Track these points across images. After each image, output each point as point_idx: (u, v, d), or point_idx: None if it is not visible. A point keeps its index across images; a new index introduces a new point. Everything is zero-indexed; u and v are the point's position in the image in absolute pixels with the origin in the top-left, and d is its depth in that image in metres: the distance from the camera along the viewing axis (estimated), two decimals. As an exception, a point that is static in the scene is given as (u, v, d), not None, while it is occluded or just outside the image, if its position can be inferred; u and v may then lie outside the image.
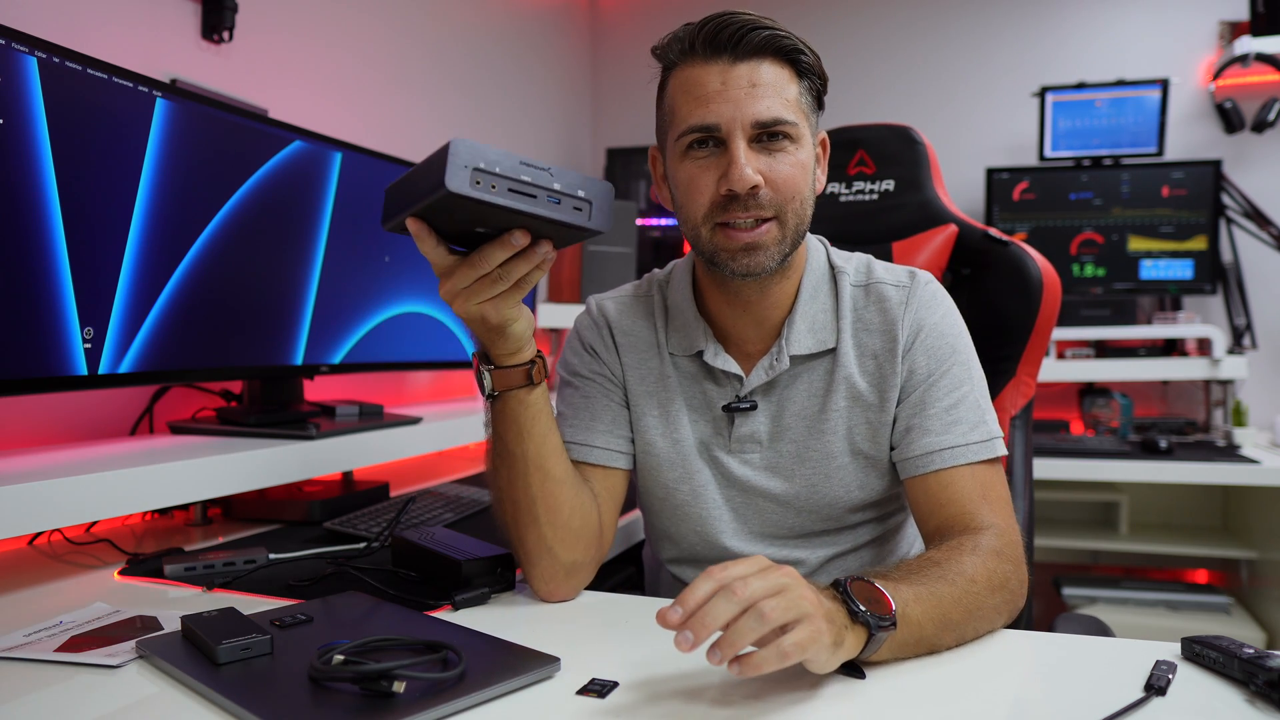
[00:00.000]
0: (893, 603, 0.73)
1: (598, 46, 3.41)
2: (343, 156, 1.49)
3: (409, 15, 2.25)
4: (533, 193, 0.75)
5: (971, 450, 0.94)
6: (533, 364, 0.90)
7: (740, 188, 0.90)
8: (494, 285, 0.81)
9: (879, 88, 3.08)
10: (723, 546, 1.04)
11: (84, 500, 1.01)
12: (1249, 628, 2.32)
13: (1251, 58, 2.56)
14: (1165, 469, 2.26)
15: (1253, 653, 0.70)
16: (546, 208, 0.76)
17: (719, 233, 0.94)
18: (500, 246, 0.79)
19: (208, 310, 1.26)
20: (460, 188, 0.71)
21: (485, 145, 0.73)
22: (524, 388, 0.90)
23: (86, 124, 1.07)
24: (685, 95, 0.93)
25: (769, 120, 0.90)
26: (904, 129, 1.47)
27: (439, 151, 0.73)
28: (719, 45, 0.91)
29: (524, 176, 0.74)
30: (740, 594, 0.64)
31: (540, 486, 0.92)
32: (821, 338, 1.01)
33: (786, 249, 0.95)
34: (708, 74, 0.92)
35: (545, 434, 0.92)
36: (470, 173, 0.72)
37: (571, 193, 0.77)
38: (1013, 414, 1.30)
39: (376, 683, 0.66)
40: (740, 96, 0.90)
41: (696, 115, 0.92)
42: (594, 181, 0.79)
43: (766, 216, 0.92)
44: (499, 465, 0.94)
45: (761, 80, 0.91)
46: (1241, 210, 2.64)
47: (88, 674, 0.75)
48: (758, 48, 0.91)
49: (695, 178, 0.93)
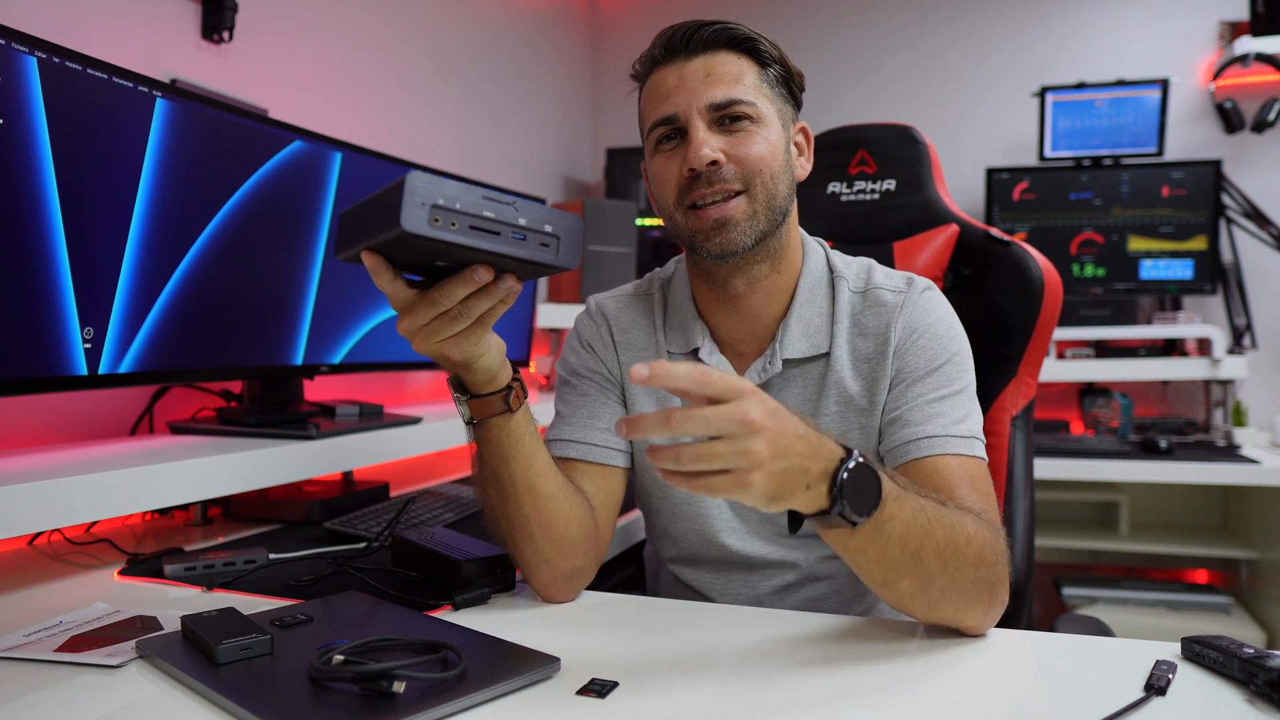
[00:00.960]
0: (872, 514, 0.71)
1: (598, 46, 3.41)
2: (343, 156, 1.49)
3: (409, 15, 2.25)
4: (496, 229, 0.70)
5: (953, 442, 0.92)
6: (509, 390, 0.87)
7: (698, 164, 0.92)
8: (454, 323, 0.77)
9: (879, 88, 3.08)
10: (721, 544, 1.04)
11: (84, 500, 1.01)
12: (1249, 628, 2.32)
13: (1251, 58, 2.56)
14: (1165, 469, 2.26)
15: (1253, 653, 0.70)
16: (511, 245, 0.70)
17: (690, 215, 0.95)
18: (461, 282, 0.75)
19: (208, 310, 1.26)
20: (417, 228, 0.65)
21: (444, 179, 0.68)
22: (503, 414, 0.87)
23: (86, 124, 1.07)
24: (650, 98, 0.98)
25: (723, 101, 0.93)
26: (905, 129, 1.47)
27: (395, 185, 0.67)
28: (673, 48, 0.96)
29: (487, 212, 0.69)
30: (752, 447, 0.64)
31: (532, 506, 0.90)
32: (815, 342, 1.01)
33: (760, 225, 0.95)
34: (667, 74, 0.96)
35: (531, 455, 0.89)
36: (428, 210, 0.66)
37: (538, 228, 0.72)
38: (1013, 414, 1.30)
39: (376, 683, 0.66)
40: (695, 85, 0.94)
41: (658, 110, 0.96)
42: (561, 215, 0.74)
43: (734, 190, 0.93)
44: (487, 487, 0.92)
45: (716, 69, 0.94)
46: (1241, 210, 2.64)
47: (88, 674, 0.75)
48: (709, 42, 0.95)
49: (663, 168, 0.97)
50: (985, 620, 0.82)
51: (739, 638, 0.84)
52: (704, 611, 0.93)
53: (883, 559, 0.75)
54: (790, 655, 0.79)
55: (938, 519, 0.77)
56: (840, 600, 1.05)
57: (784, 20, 3.15)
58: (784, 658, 0.79)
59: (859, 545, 0.74)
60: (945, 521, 0.78)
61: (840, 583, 1.05)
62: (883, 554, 0.75)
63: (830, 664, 0.77)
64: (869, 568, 0.77)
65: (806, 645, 0.82)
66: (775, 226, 0.97)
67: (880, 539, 0.74)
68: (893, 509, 0.73)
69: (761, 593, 1.05)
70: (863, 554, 0.75)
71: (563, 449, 1.03)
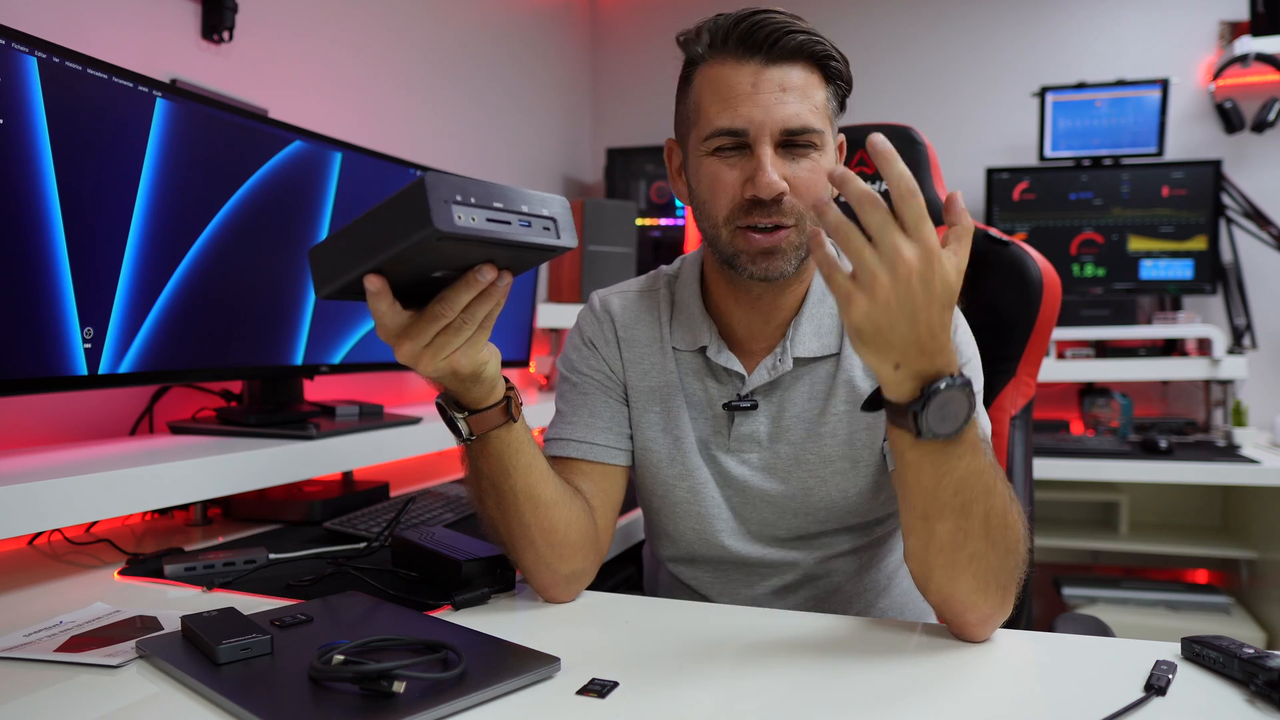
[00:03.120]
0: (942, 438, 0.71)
1: (598, 46, 3.41)
2: (343, 156, 1.49)
3: (409, 15, 2.25)
4: (506, 219, 0.69)
5: None
6: (508, 400, 0.85)
7: (767, 194, 0.89)
8: (459, 333, 0.75)
9: (879, 88, 3.08)
10: (721, 545, 1.04)
11: (84, 500, 1.01)
12: (1249, 628, 2.32)
13: (1251, 58, 2.56)
14: (1165, 469, 2.26)
15: (1253, 653, 0.70)
16: (520, 232, 0.69)
17: (740, 235, 0.93)
18: (465, 287, 0.73)
19: (208, 310, 1.26)
20: (449, 226, 0.64)
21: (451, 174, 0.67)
22: (503, 426, 0.85)
23: (86, 124, 1.07)
24: (714, 94, 0.92)
25: (798, 128, 0.90)
26: (904, 129, 1.47)
27: (409, 191, 0.65)
28: (753, 45, 0.90)
29: (496, 202, 0.68)
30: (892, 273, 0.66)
31: (532, 514, 0.89)
32: (826, 342, 1.01)
33: (803, 254, 0.94)
34: (739, 75, 0.90)
35: (530, 464, 0.88)
36: (452, 208, 0.65)
37: (538, 212, 0.71)
38: (1013, 414, 1.30)
39: (376, 683, 0.66)
40: (770, 101, 0.89)
41: (725, 117, 0.91)
42: (552, 198, 0.73)
43: (787, 224, 0.92)
44: (484, 498, 0.90)
45: (791, 85, 0.90)
46: (1241, 210, 2.64)
47: (88, 674, 0.75)
48: (792, 52, 0.90)
49: (719, 177, 0.93)
50: (992, 616, 0.81)
51: (739, 638, 0.84)
52: (704, 611, 0.93)
53: (933, 491, 0.74)
54: (790, 655, 0.79)
55: (1000, 492, 0.76)
56: (840, 601, 1.05)
57: (784, 20, 3.14)
58: (784, 658, 0.79)
59: (916, 460, 0.73)
60: (1005, 498, 0.77)
61: (839, 582, 1.05)
62: (935, 486, 0.74)
63: (830, 664, 0.77)
64: (917, 492, 0.75)
65: (806, 645, 0.82)
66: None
67: (939, 469, 0.73)
68: (964, 450, 0.72)
69: (760, 593, 1.05)
70: (917, 471, 0.74)
71: (563, 448, 1.03)
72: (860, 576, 1.05)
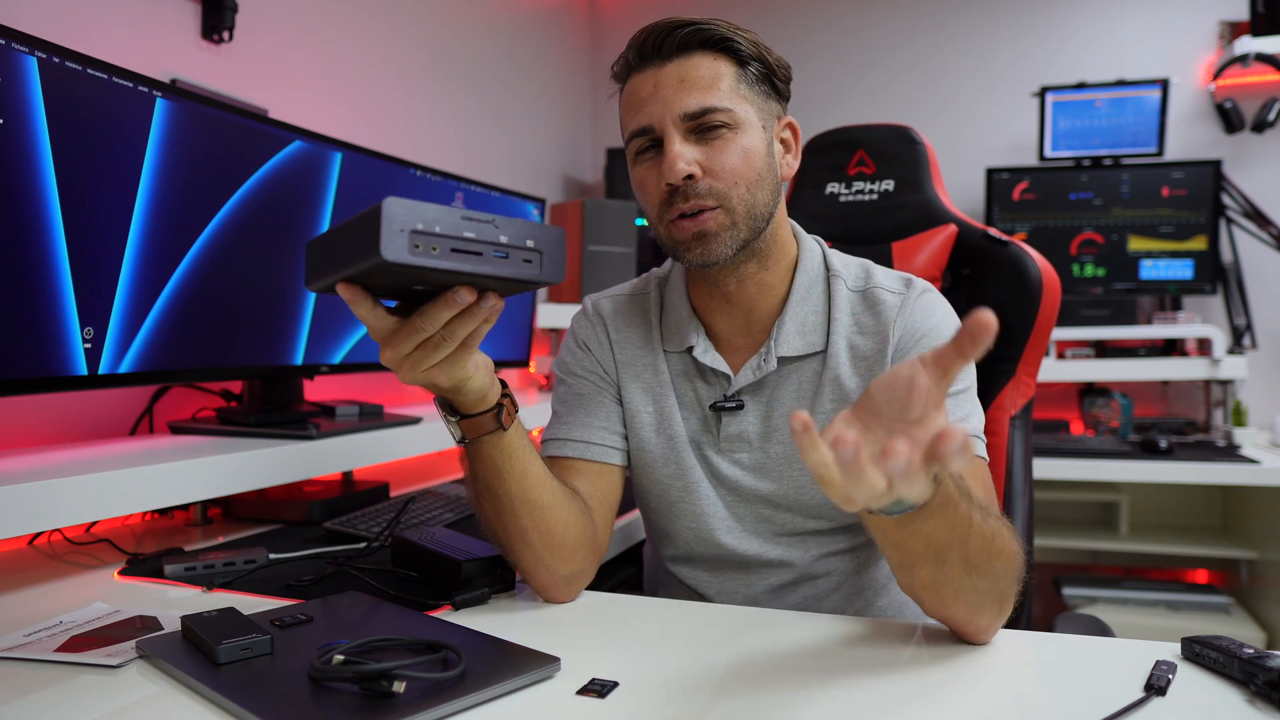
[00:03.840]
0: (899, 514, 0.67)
1: (598, 46, 3.41)
2: (343, 156, 1.49)
3: (409, 15, 2.25)
4: (478, 250, 0.67)
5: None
6: (500, 408, 0.85)
7: (673, 178, 0.91)
8: (439, 349, 0.75)
9: (879, 88, 3.08)
10: (718, 543, 1.04)
11: (84, 500, 1.01)
12: (1249, 628, 2.32)
13: (1251, 58, 2.56)
14: (1165, 469, 2.26)
15: (1253, 653, 0.70)
16: (493, 265, 0.68)
17: (672, 227, 0.95)
18: (444, 305, 0.72)
19: (208, 310, 1.26)
20: (398, 256, 0.63)
21: (421, 203, 0.65)
22: (495, 432, 0.85)
23: (86, 124, 1.07)
24: (626, 106, 0.97)
25: (697, 110, 0.91)
26: (904, 129, 1.47)
27: (370, 213, 0.64)
28: (646, 52, 0.94)
29: (467, 233, 0.66)
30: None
31: (529, 517, 0.89)
32: (810, 340, 1.01)
33: (741, 234, 0.94)
34: (642, 81, 0.95)
35: (525, 469, 0.88)
36: (408, 236, 0.63)
37: (519, 244, 0.70)
38: (1012, 414, 1.30)
39: (376, 683, 0.66)
40: (669, 94, 0.92)
41: (634, 120, 0.95)
42: (543, 228, 0.71)
43: (708, 206, 0.92)
44: (482, 501, 0.90)
45: (690, 75, 0.92)
46: (1241, 210, 2.64)
47: (88, 674, 0.75)
48: (682, 45, 0.93)
49: (643, 180, 0.96)
50: (991, 626, 0.81)
51: (738, 638, 0.84)
52: (703, 611, 0.93)
53: (902, 546, 0.74)
54: (789, 655, 0.79)
55: (978, 530, 0.74)
56: (838, 599, 1.05)
57: (782, 20, 3.15)
58: (783, 658, 0.79)
59: (879, 523, 0.72)
60: (984, 532, 0.75)
61: (837, 581, 1.05)
62: (904, 542, 0.73)
63: (829, 664, 0.77)
64: (887, 547, 0.75)
65: (805, 646, 0.82)
66: (757, 232, 0.96)
67: (905, 530, 0.72)
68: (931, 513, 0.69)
69: (758, 591, 1.05)
70: (882, 532, 0.73)
71: (560, 448, 1.03)
72: (859, 575, 1.05)
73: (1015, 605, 0.83)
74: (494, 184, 1.94)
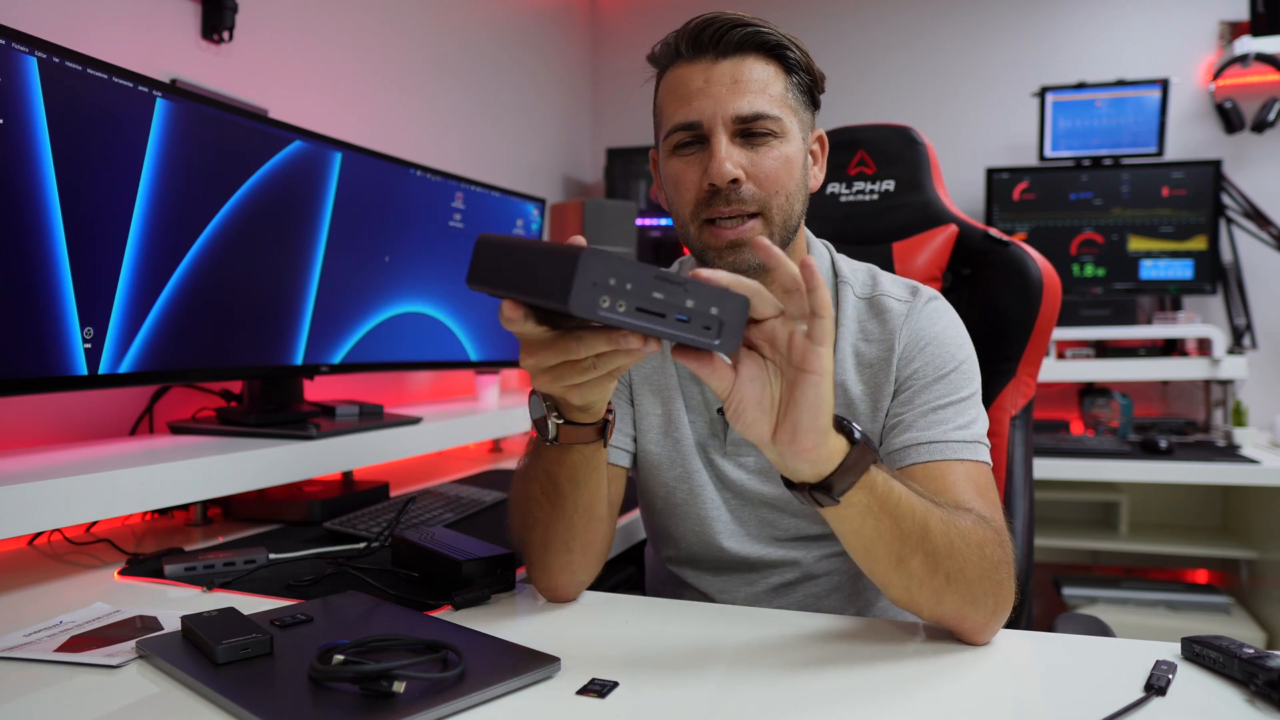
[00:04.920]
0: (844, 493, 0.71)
1: (598, 46, 3.41)
2: (343, 156, 1.49)
3: (409, 15, 2.25)
4: (661, 310, 0.64)
5: (955, 447, 0.91)
6: (606, 424, 0.83)
7: (720, 180, 0.90)
8: (584, 373, 0.71)
9: (879, 88, 3.08)
10: (720, 547, 1.04)
11: (84, 500, 1.01)
12: (1249, 628, 2.32)
13: (1251, 58, 2.56)
14: (1165, 469, 2.26)
15: (1253, 653, 0.70)
16: (674, 327, 0.64)
17: (706, 230, 0.94)
18: (605, 340, 0.67)
19: (208, 310, 1.26)
20: (585, 311, 0.60)
21: (615, 256, 0.62)
22: (591, 444, 0.84)
23: (86, 124, 1.07)
24: (671, 95, 0.95)
25: (750, 114, 0.91)
26: (904, 129, 1.47)
27: (565, 255, 0.60)
28: (701, 44, 0.92)
29: (656, 294, 0.63)
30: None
31: (584, 526, 0.89)
32: None
33: (775, 244, 0.94)
34: (692, 73, 0.93)
35: (600, 482, 0.88)
36: (599, 295, 0.60)
37: (704, 311, 0.66)
38: (1013, 414, 1.30)
39: (376, 683, 0.66)
40: (722, 93, 0.91)
41: (680, 113, 0.93)
42: (731, 297, 0.67)
43: (750, 212, 0.92)
44: (541, 498, 0.89)
45: (744, 76, 0.91)
46: (1241, 210, 2.64)
47: (88, 674, 0.75)
48: (739, 44, 0.92)
49: (681, 174, 0.94)
50: (990, 623, 0.81)
51: (739, 638, 0.84)
52: (704, 611, 0.93)
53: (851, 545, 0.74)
54: (790, 655, 0.79)
55: (938, 530, 0.75)
56: (839, 598, 1.05)
57: (783, 20, 3.12)
58: (784, 657, 0.79)
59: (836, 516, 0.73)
60: (947, 532, 0.76)
61: (838, 580, 1.05)
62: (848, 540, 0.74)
63: (830, 664, 0.77)
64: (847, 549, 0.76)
65: (806, 645, 0.82)
66: (787, 242, 0.96)
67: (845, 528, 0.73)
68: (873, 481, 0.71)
69: (760, 590, 1.05)
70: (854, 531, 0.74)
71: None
72: (859, 575, 1.05)
73: (1015, 605, 0.83)
74: (494, 184, 1.94)
